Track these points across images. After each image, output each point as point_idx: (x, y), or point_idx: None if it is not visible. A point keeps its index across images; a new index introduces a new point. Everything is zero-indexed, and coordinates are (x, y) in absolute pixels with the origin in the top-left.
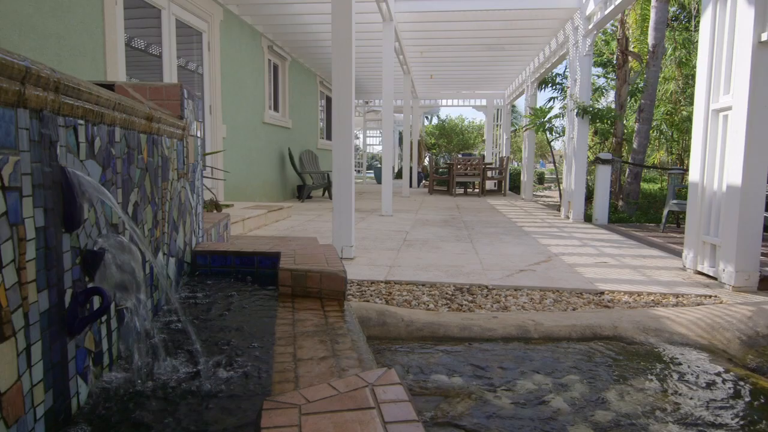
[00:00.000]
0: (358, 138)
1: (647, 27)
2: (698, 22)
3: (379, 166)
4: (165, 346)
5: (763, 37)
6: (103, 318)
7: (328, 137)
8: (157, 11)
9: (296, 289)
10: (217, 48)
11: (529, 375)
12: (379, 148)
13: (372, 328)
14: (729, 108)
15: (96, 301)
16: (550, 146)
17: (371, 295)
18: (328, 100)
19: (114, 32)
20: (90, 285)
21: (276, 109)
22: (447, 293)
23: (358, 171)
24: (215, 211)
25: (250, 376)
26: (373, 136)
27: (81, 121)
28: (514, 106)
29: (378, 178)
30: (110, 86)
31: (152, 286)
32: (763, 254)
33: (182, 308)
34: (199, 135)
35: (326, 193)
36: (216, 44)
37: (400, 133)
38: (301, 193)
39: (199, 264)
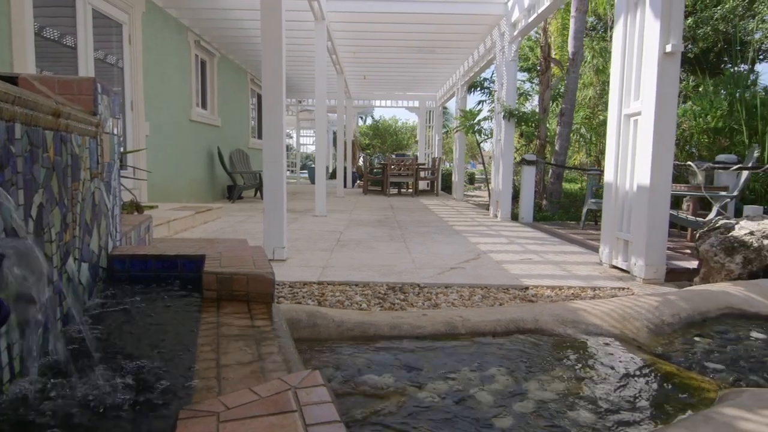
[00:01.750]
0: (291, 137)
1: (567, 36)
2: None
3: (313, 166)
4: (75, 357)
5: (668, 48)
6: (2, 330)
7: (260, 136)
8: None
9: (222, 292)
10: (139, 41)
11: (456, 370)
12: (313, 147)
13: (302, 330)
14: (639, 113)
15: None
16: (480, 148)
17: (303, 297)
18: (260, 98)
19: (22, 20)
20: None
21: (204, 106)
22: (380, 293)
23: (292, 171)
24: (136, 213)
25: (169, 385)
26: (306, 136)
27: None
28: (445, 108)
29: (312, 178)
30: (13, 79)
31: (61, 294)
32: (668, 249)
33: (93, 317)
34: (116, 132)
35: (258, 194)
36: (138, 37)
37: (334, 133)
38: (232, 194)
39: (116, 269)
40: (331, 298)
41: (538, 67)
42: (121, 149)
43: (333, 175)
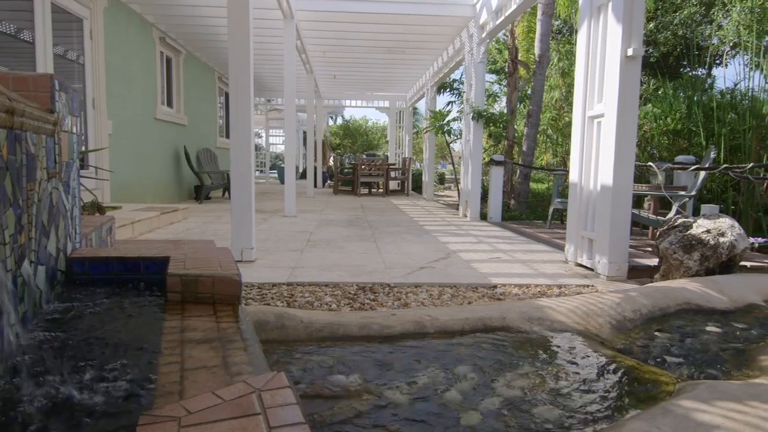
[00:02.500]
0: (260, 137)
1: (534, 38)
2: None
3: (282, 165)
4: (30, 363)
5: (629, 52)
6: None
7: (228, 135)
8: None
9: (186, 295)
10: (101, 37)
11: (424, 369)
12: (283, 147)
13: (270, 332)
14: (602, 115)
15: None
16: (449, 148)
17: (272, 298)
18: (228, 97)
19: None
20: None
21: (170, 104)
22: (350, 293)
23: (261, 171)
24: (98, 214)
25: (130, 391)
26: (276, 135)
27: None
28: (415, 109)
29: (282, 178)
30: None
31: (17, 298)
32: (631, 247)
33: (51, 321)
34: (75, 131)
35: (226, 194)
36: (99, 33)
37: (304, 133)
38: (199, 194)
39: (76, 272)
40: (301, 299)
41: (506, 69)
42: (82, 148)
43: (303, 175)
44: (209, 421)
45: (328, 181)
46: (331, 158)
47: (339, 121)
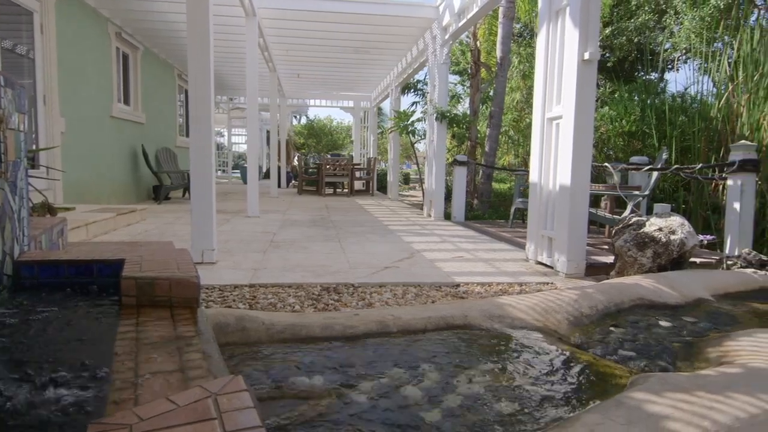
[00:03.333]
0: (222, 136)
1: (496, 41)
2: None
3: (245, 165)
4: None
5: (586, 56)
6: None
7: (189, 134)
8: None
9: (142, 298)
10: (53, 31)
11: (387, 368)
12: (246, 146)
13: (230, 335)
14: (560, 117)
15: None
16: (414, 148)
17: (234, 301)
18: (188, 95)
19: None
20: None
21: (127, 102)
22: (313, 294)
23: (224, 171)
24: (48, 216)
25: (81, 399)
26: (238, 135)
27: None
28: (380, 109)
29: (244, 178)
30: None
31: None
32: (588, 245)
33: None
34: (23, 128)
35: (187, 194)
36: (51, 27)
37: (268, 132)
38: (158, 194)
39: (24, 276)
40: (264, 301)
41: (469, 71)
42: (33, 146)
43: (267, 175)
44: (162, 428)
45: (293, 181)
46: (296, 158)
47: (303, 120)
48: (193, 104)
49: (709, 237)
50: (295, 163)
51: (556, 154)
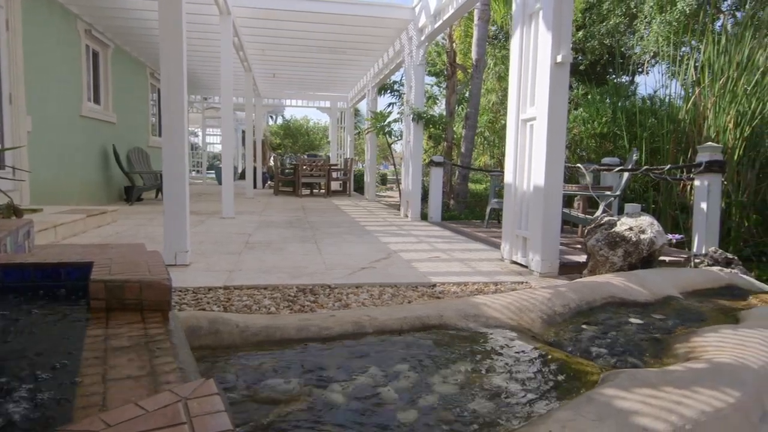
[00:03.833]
0: (197, 136)
1: (471, 42)
2: None
3: (220, 166)
4: None
5: (558, 58)
6: None
7: (161, 134)
8: None
9: (112, 302)
10: (19, 28)
11: (363, 369)
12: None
13: (203, 338)
14: (534, 119)
15: None
16: (391, 149)
17: (208, 303)
18: (161, 94)
19: None
20: None
21: (97, 101)
22: (289, 295)
23: (198, 171)
24: (14, 217)
25: (45, 406)
26: (213, 135)
27: None
28: (357, 109)
29: (219, 179)
30: None
31: None
32: (562, 244)
33: None
34: None
35: (160, 195)
36: (17, 23)
37: (243, 132)
38: (130, 195)
39: None
40: (238, 303)
41: (445, 72)
42: None
43: (242, 176)
44: None
45: (269, 182)
46: (272, 158)
47: (279, 120)
48: (165, 103)
49: (677, 236)
50: (271, 163)
51: (530, 155)
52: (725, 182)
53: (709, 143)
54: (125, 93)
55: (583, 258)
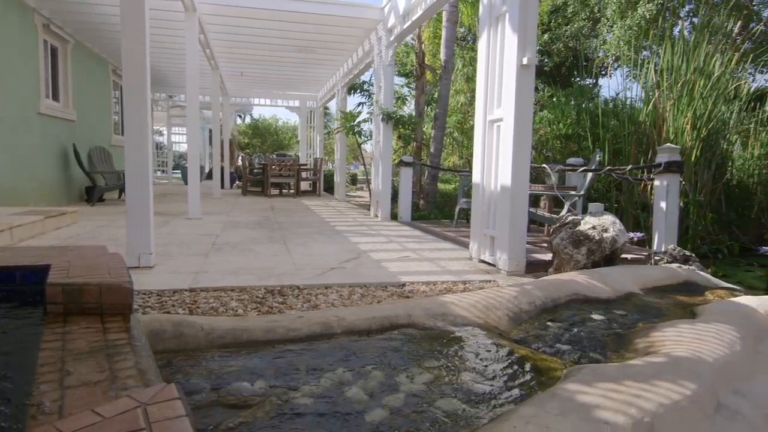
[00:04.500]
0: (162, 135)
1: (440, 44)
2: None
3: (186, 165)
4: None
5: (524, 60)
6: None
7: (124, 132)
8: None
9: (70, 306)
10: None
11: (331, 370)
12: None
13: (167, 341)
14: (501, 119)
15: None
16: (361, 149)
17: (173, 306)
18: (123, 90)
19: None
20: None
21: (56, 98)
22: (258, 297)
23: (163, 171)
24: None
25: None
26: (179, 133)
27: None
28: (327, 109)
29: (186, 179)
30: None
31: None
32: (528, 243)
33: None
34: None
35: (123, 195)
36: None
37: (210, 131)
38: (91, 196)
39: None
40: (205, 306)
41: (414, 73)
42: None
43: (209, 176)
44: None
45: (237, 182)
46: (240, 158)
47: (248, 119)
48: (128, 101)
49: (638, 234)
50: (239, 163)
51: (497, 156)
52: (683, 182)
53: (668, 144)
54: (86, 90)
55: (548, 256)
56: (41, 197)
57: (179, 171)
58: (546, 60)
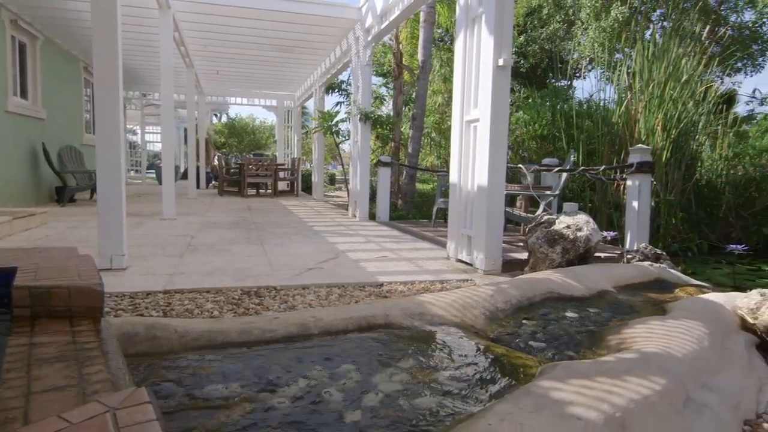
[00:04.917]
0: (136, 134)
1: (417, 44)
2: None
3: (161, 165)
4: None
5: (500, 61)
6: None
7: (95, 131)
8: None
9: (38, 309)
10: None
11: (307, 371)
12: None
13: (139, 344)
14: (477, 120)
15: None
16: (339, 149)
17: (147, 308)
18: (94, 88)
19: None
20: None
21: (24, 96)
22: (234, 298)
23: (137, 170)
24: None
25: None
26: (153, 132)
27: None
28: (305, 108)
29: (160, 179)
30: None
31: None
32: (505, 242)
33: None
34: None
35: (94, 196)
36: None
37: (185, 130)
38: (62, 196)
39: None
40: (179, 308)
41: (392, 73)
42: None
43: (185, 176)
44: None
45: (213, 182)
46: (216, 158)
47: (224, 118)
48: (99, 99)
49: (611, 233)
50: (216, 163)
51: (474, 156)
52: (654, 182)
53: (640, 145)
54: (56, 88)
55: (524, 255)
56: (9, 198)
57: (153, 171)
58: (522, 61)
